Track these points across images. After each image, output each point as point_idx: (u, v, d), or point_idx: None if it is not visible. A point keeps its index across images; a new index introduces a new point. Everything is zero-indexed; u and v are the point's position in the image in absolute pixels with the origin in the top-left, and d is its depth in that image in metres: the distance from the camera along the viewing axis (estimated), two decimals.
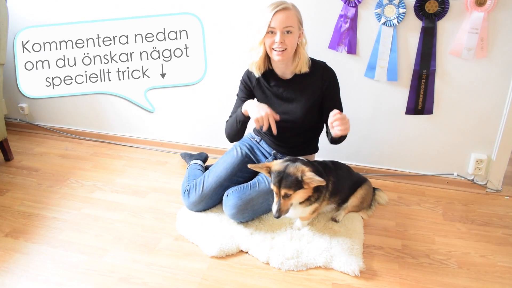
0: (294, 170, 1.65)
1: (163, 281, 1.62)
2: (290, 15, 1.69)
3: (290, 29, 1.69)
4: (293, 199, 1.68)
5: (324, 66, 1.85)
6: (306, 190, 1.67)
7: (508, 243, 1.87)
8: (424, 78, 2.10)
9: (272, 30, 1.70)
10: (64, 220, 2.00)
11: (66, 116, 2.92)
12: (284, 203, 1.67)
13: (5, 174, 2.42)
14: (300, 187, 1.65)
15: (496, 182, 2.26)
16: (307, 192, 1.69)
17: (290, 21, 1.69)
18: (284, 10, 1.68)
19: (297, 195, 1.67)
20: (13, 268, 1.69)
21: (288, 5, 1.71)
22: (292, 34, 1.70)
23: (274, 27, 1.69)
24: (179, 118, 2.66)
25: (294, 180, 1.63)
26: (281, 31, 1.69)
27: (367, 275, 1.66)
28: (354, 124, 2.24)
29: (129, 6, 2.42)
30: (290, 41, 1.70)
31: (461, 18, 1.96)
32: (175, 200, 2.16)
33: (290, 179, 1.63)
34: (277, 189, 1.66)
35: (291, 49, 1.73)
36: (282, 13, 1.68)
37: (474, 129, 2.17)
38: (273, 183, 1.67)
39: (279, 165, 1.70)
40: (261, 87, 1.89)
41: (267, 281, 1.62)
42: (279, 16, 1.68)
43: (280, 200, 1.66)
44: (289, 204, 1.68)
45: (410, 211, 2.10)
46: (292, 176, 1.64)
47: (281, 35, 1.69)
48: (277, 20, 1.68)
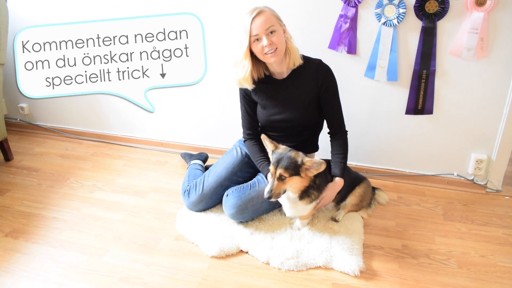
0: (295, 154, 1.67)
1: (163, 281, 1.62)
2: (267, 16, 1.69)
3: (272, 29, 1.70)
4: (287, 184, 1.67)
5: (318, 63, 1.84)
6: (302, 179, 1.67)
7: (508, 243, 1.87)
8: (424, 78, 2.10)
9: (257, 38, 1.70)
10: (64, 220, 2.00)
11: (66, 116, 2.92)
12: (278, 186, 1.66)
13: (5, 174, 2.42)
14: (297, 173, 1.65)
15: (496, 182, 2.26)
16: (303, 181, 1.68)
17: (269, 21, 1.69)
18: (260, 14, 1.69)
19: (292, 181, 1.66)
20: (13, 268, 1.69)
21: (261, 8, 1.71)
22: (276, 32, 1.71)
23: (257, 34, 1.69)
24: (179, 118, 2.66)
25: (292, 163, 1.64)
26: (265, 34, 1.69)
27: (367, 275, 1.66)
28: (354, 124, 2.25)
29: (129, 6, 2.42)
30: (277, 39, 1.71)
31: (461, 18, 1.96)
32: (175, 200, 2.16)
33: (288, 161, 1.65)
34: (273, 169, 1.66)
35: (281, 46, 1.73)
36: (259, 17, 1.68)
37: (474, 129, 2.17)
38: (271, 163, 1.68)
39: (283, 148, 1.72)
40: (258, 92, 1.89)
41: (267, 281, 1.62)
42: (257, 21, 1.68)
43: (274, 182, 1.66)
44: (282, 188, 1.67)
45: (410, 211, 2.10)
46: (292, 159, 1.65)
47: (267, 37, 1.69)
48: (257, 26, 1.68)
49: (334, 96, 1.86)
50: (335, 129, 1.90)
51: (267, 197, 1.66)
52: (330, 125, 1.91)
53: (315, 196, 1.74)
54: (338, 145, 1.89)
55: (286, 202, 1.77)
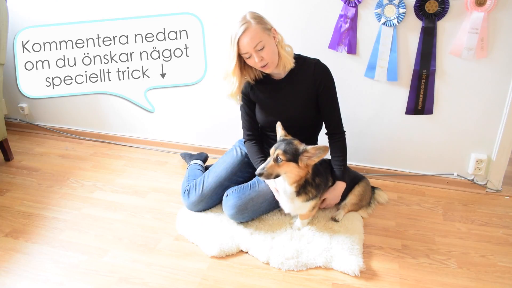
0: (298, 143, 1.67)
1: (163, 281, 1.62)
2: (253, 33, 1.64)
3: (260, 45, 1.66)
4: (282, 169, 1.65)
5: (316, 62, 1.83)
6: (299, 168, 1.66)
7: (508, 243, 1.87)
8: (424, 78, 2.10)
9: (247, 56, 1.69)
10: (64, 220, 2.00)
11: (66, 116, 2.92)
12: (271, 166, 1.64)
13: (5, 174, 2.42)
14: (295, 160, 1.64)
15: (496, 182, 2.26)
16: (299, 171, 1.67)
17: (256, 38, 1.65)
18: (246, 31, 1.64)
19: (288, 167, 1.65)
20: (13, 268, 1.69)
21: (246, 22, 1.65)
22: (265, 47, 1.68)
23: (247, 52, 1.68)
24: (179, 118, 2.66)
25: (292, 149, 1.64)
26: (254, 51, 1.67)
27: (367, 275, 1.66)
28: (354, 124, 2.25)
29: (129, 6, 2.42)
30: (267, 53, 1.69)
31: (461, 18, 1.96)
32: (175, 200, 2.16)
33: (289, 146, 1.65)
34: (273, 150, 1.66)
35: (272, 58, 1.72)
36: (245, 36, 1.64)
37: (474, 129, 2.17)
38: (273, 146, 1.69)
39: (291, 137, 1.72)
40: (256, 92, 1.89)
41: (267, 281, 1.62)
42: (244, 40, 1.65)
43: (270, 161, 1.66)
44: (276, 170, 1.65)
45: (410, 211, 2.10)
46: (293, 145, 1.65)
47: (256, 54, 1.67)
48: (244, 46, 1.66)
49: (332, 95, 1.86)
50: (333, 129, 1.90)
51: (258, 174, 1.64)
52: (328, 124, 1.91)
53: (313, 194, 1.74)
54: (337, 147, 1.89)
55: (283, 196, 1.77)
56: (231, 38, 1.68)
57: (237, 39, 1.66)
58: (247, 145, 1.99)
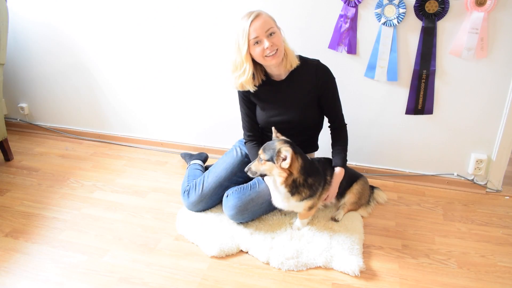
0: (279, 143, 1.69)
1: (163, 281, 1.62)
2: (265, 19, 1.68)
3: (272, 30, 1.69)
4: (263, 167, 1.70)
5: (317, 63, 1.84)
6: (277, 169, 1.66)
7: (508, 243, 1.87)
8: (424, 78, 2.10)
9: (256, 41, 1.68)
10: (64, 220, 2.00)
11: (66, 116, 2.92)
12: (256, 165, 1.74)
13: (5, 174, 2.42)
14: (272, 160, 1.67)
15: (496, 182, 2.26)
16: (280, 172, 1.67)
17: (268, 23, 1.68)
18: (258, 17, 1.67)
19: (268, 166, 1.69)
20: (13, 268, 1.69)
21: (258, 11, 1.69)
22: (276, 34, 1.70)
23: (257, 36, 1.67)
24: (179, 118, 2.66)
25: (271, 150, 1.68)
26: (265, 36, 1.68)
27: (367, 275, 1.66)
28: (354, 124, 2.25)
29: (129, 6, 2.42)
30: (277, 40, 1.70)
31: (461, 18, 1.96)
32: (175, 200, 2.16)
33: (269, 147, 1.70)
34: (261, 150, 1.73)
35: (281, 47, 1.73)
36: (257, 20, 1.67)
37: (474, 129, 2.17)
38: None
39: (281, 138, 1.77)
40: (257, 93, 1.89)
41: (267, 281, 1.62)
42: (256, 23, 1.66)
43: (255, 161, 1.74)
44: (259, 168, 1.72)
45: (410, 211, 2.10)
46: (272, 146, 1.69)
47: (268, 39, 1.68)
48: (256, 29, 1.66)
49: (334, 95, 1.87)
50: (336, 123, 1.93)
51: (245, 170, 1.76)
52: (331, 120, 1.94)
53: (306, 194, 1.73)
54: (338, 136, 1.93)
55: (278, 196, 1.77)
56: (242, 27, 1.68)
57: (250, 22, 1.66)
58: (248, 146, 1.99)
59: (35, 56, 2.75)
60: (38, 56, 2.75)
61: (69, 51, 2.67)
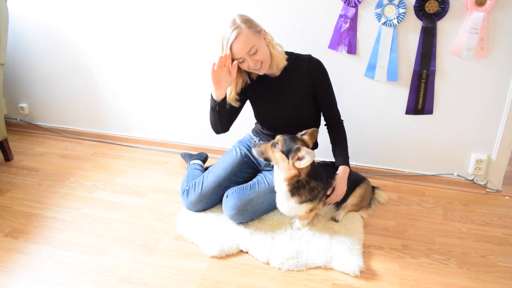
0: (301, 142, 1.67)
1: (163, 281, 1.62)
2: (245, 38, 1.63)
3: (253, 50, 1.66)
4: (273, 155, 1.68)
5: (309, 58, 1.85)
6: (288, 165, 1.65)
7: (508, 243, 1.87)
8: (424, 78, 2.10)
9: (240, 60, 1.69)
10: (64, 220, 2.00)
11: (66, 116, 2.92)
12: (266, 146, 1.71)
13: (5, 174, 2.42)
14: (287, 155, 1.65)
15: (496, 182, 2.26)
16: (289, 169, 1.66)
17: (248, 44, 1.64)
18: (238, 38, 1.62)
19: (278, 157, 1.67)
20: (13, 268, 1.69)
21: (237, 27, 1.63)
22: (258, 50, 1.67)
23: (240, 57, 1.67)
24: (179, 118, 2.66)
25: (292, 144, 1.65)
26: (248, 55, 1.67)
27: (367, 275, 1.66)
28: (354, 124, 2.25)
29: (129, 7, 2.42)
30: (260, 56, 1.69)
31: (461, 18, 1.96)
32: (175, 200, 2.16)
33: (291, 140, 1.67)
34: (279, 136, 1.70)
35: (266, 59, 1.72)
36: (238, 41, 1.63)
37: (474, 129, 2.17)
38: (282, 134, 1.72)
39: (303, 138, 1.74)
40: (253, 90, 1.90)
41: (267, 281, 1.62)
42: (237, 46, 1.64)
43: (269, 142, 1.71)
44: (268, 151, 1.70)
45: (410, 211, 2.10)
46: (295, 141, 1.66)
47: (250, 58, 1.67)
48: (238, 51, 1.65)
49: (328, 88, 1.88)
50: (332, 120, 1.93)
51: (252, 145, 1.75)
52: (327, 116, 1.93)
53: (306, 197, 1.72)
54: (337, 135, 1.92)
55: (279, 193, 1.77)
56: (223, 44, 1.66)
57: (230, 45, 1.65)
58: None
59: (35, 56, 2.75)
60: (38, 56, 2.75)
61: (69, 51, 2.67)
